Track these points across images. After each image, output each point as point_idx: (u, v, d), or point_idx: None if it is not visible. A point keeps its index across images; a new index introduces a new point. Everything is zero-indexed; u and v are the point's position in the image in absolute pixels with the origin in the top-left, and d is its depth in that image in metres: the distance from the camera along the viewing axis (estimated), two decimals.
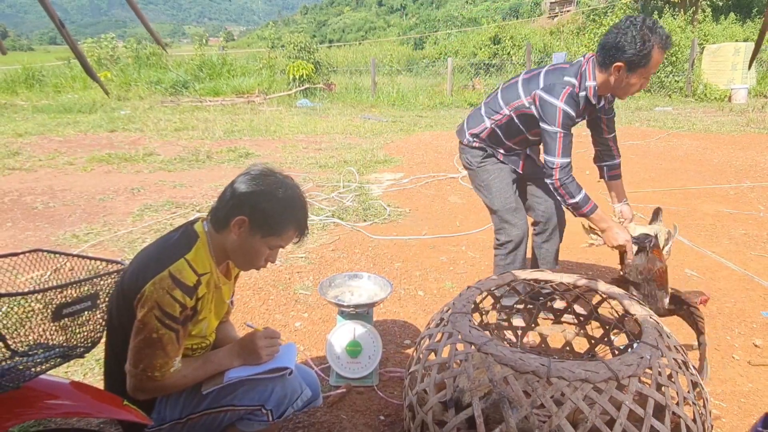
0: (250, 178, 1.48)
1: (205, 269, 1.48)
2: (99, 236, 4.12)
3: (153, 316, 1.36)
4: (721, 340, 2.71)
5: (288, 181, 1.53)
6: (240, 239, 1.48)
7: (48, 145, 7.64)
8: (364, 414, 2.18)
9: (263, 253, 1.52)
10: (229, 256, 1.55)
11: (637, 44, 2.13)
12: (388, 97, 13.58)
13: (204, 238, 1.51)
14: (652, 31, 2.13)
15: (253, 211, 1.45)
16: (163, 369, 1.41)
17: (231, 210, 1.46)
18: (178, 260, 1.42)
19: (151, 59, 15.86)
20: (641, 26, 2.14)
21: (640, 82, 2.26)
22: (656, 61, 2.20)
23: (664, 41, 2.16)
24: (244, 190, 1.46)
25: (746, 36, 17.29)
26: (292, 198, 1.50)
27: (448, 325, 1.84)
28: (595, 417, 1.46)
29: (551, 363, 1.55)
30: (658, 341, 1.68)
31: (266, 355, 1.60)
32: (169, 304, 1.37)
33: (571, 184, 2.35)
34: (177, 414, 1.55)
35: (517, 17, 36.76)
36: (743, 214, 4.62)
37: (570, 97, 2.29)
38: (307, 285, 3.34)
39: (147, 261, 1.43)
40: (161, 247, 1.51)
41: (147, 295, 1.36)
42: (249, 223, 1.46)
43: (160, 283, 1.37)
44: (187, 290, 1.41)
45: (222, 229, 1.50)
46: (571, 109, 2.29)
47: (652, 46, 2.13)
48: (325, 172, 6.18)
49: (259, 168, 1.52)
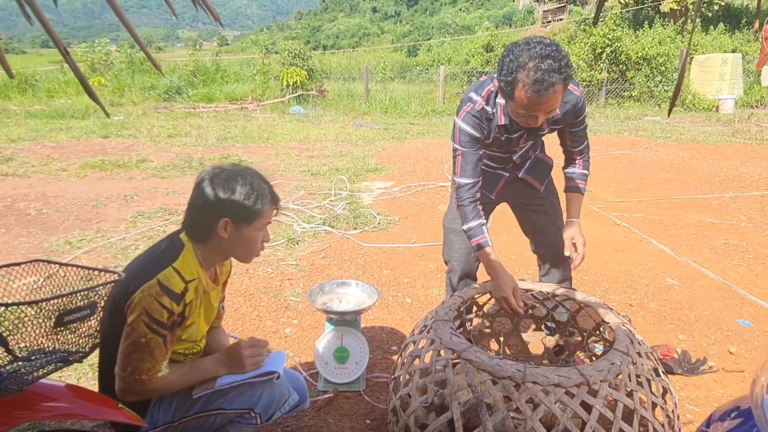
0: (208, 185, 1.54)
1: (193, 276, 1.56)
2: (92, 243, 4.17)
3: (141, 322, 1.44)
4: (697, 347, 2.80)
5: (238, 169, 1.60)
6: (232, 238, 1.57)
7: (41, 151, 7.67)
8: (350, 418, 2.25)
9: (257, 239, 1.62)
10: (227, 256, 1.65)
11: (503, 71, 1.83)
12: (381, 104, 13.68)
13: (190, 246, 1.59)
14: (524, 65, 1.76)
15: (230, 210, 1.53)
16: (150, 373, 1.48)
17: (209, 220, 1.54)
18: (166, 268, 1.50)
19: (144, 64, 15.89)
20: (520, 51, 1.79)
21: (519, 114, 1.90)
22: (522, 103, 1.82)
23: (532, 83, 1.75)
24: (211, 198, 1.53)
25: (734, 46, 17.54)
26: (251, 180, 1.57)
27: (431, 332, 1.92)
28: (567, 420, 1.54)
29: (527, 369, 1.63)
30: (629, 348, 1.76)
31: (250, 364, 1.66)
32: (157, 310, 1.45)
33: (466, 208, 2.11)
34: (169, 417, 1.62)
35: (510, 25, 37.04)
36: (725, 223, 4.74)
37: (469, 115, 2.05)
38: (297, 292, 3.41)
39: (136, 270, 1.51)
40: (150, 256, 1.59)
41: (136, 301, 1.44)
42: (232, 221, 1.54)
43: (149, 290, 1.45)
44: (175, 297, 1.49)
45: (207, 240, 1.58)
46: (470, 127, 2.05)
47: (516, 80, 1.79)
48: (316, 180, 6.25)
49: (208, 172, 1.58)
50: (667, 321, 3.07)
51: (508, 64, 1.81)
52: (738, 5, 23.60)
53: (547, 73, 1.74)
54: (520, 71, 1.77)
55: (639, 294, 3.41)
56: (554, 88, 1.77)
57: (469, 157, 2.09)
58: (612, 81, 14.09)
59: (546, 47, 1.77)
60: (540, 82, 1.74)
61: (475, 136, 2.07)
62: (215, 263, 1.68)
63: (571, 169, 2.31)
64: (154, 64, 1.11)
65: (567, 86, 1.82)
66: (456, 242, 2.47)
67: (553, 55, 1.75)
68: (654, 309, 3.21)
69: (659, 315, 3.14)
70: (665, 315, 3.14)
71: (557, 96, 1.80)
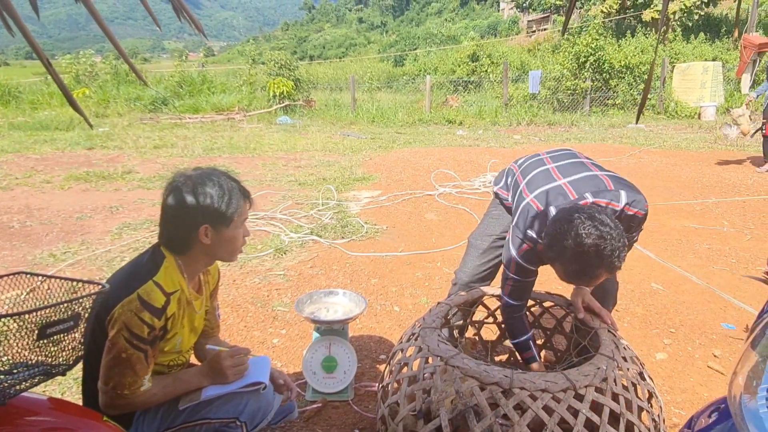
0: (177, 195, 1.53)
1: (175, 287, 1.55)
2: (77, 255, 4.13)
3: (122, 337, 1.42)
4: (682, 350, 2.83)
5: (203, 172, 1.59)
6: (214, 242, 1.56)
7: (24, 163, 7.59)
8: (339, 428, 2.24)
9: (239, 236, 1.62)
10: (213, 259, 1.64)
11: (547, 241, 1.76)
12: (368, 113, 13.73)
13: (171, 257, 1.58)
14: (564, 251, 1.68)
15: (207, 216, 1.52)
16: (132, 387, 1.47)
17: (186, 231, 1.53)
18: (147, 283, 1.48)
19: (129, 76, 15.83)
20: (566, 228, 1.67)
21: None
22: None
23: (572, 274, 1.73)
24: (185, 208, 1.52)
25: (715, 55, 17.87)
26: (219, 181, 1.57)
27: (419, 340, 1.93)
28: (554, 425, 1.55)
29: (513, 374, 1.64)
30: (615, 353, 1.78)
31: (232, 375, 1.65)
32: (137, 325, 1.43)
33: (514, 324, 2.08)
34: (154, 429, 1.61)
35: (496, 35, 37.45)
36: (708, 229, 4.81)
37: (528, 254, 1.94)
38: (285, 302, 3.39)
39: (117, 284, 1.48)
40: (131, 269, 1.58)
41: (116, 316, 1.43)
42: (211, 226, 1.54)
43: (129, 306, 1.43)
44: (155, 312, 1.47)
45: (187, 250, 1.57)
46: (527, 264, 1.95)
47: (555, 262, 1.76)
48: (304, 189, 6.25)
49: (174, 183, 1.57)
50: (652, 325, 3.10)
51: (552, 238, 1.71)
52: (718, 15, 24.07)
53: (589, 267, 1.66)
54: (561, 257, 1.70)
55: (624, 299, 3.44)
56: (596, 280, 1.72)
57: (522, 285, 2.03)
58: (596, 89, 14.27)
59: (596, 231, 1.63)
60: (580, 273, 1.70)
61: (532, 270, 1.99)
62: (199, 271, 1.67)
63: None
64: (137, 75, 1.12)
65: (617, 270, 1.71)
66: (470, 260, 2.45)
67: (603, 246, 1.62)
68: (639, 314, 3.24)
69: (645, 320, 3.17)
70: (650, 319, 3.17)
71: (601, 279, 1.73)
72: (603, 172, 2.03)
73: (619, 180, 1.99)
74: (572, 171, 2.03)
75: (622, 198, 1.89)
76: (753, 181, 6.51)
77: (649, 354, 2.80)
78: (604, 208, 1.87)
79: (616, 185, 1.94)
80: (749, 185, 6.32)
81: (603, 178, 1.97)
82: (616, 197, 1.89)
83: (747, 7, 19.10)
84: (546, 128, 12.34)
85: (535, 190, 1.99)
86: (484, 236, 2.42)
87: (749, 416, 0.73)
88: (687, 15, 20.85)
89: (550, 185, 1.97)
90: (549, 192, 1.94)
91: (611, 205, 1.88)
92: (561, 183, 1.97)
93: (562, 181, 1.97)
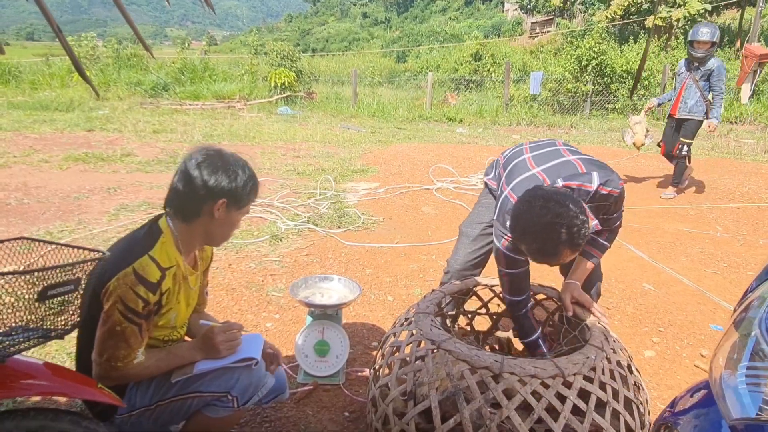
0: (211, 163, 1.55)
1: (171, 263, 1.56)
2: (73, 234, 4.14)
3: (116, 310, 1.44)
4: (670, 349, 2.87)
5: (233, 154, 1.63)
6: (220, 219, 1.58)
7: (23, 142, 7.58)
8: (329, 410, 2.27)
9: (237, 223, 1.66)
10: (207, 237, 1.64)
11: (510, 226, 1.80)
12: (369, 108, 13.73)
13: (168, 232, 1.58)
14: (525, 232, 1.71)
15: (227, 192, 1.55)
16: (125, 360, 1.49)
17: (203, 199, 1.54)
18: (142, 257, 1.49)
19: (131, 60, 15.79)
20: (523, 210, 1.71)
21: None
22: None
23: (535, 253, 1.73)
24: (211, 180, 1.53)
25: None
26: (247, 167, 1.62)
27: (412, 324, 1.95)
28: (542, 410, 1.58)
29: (504, 360, 1.67)
30: (604, 344, 1.81)
31: (225, 349, 1.66)
32: (132, 299, 1.45)
33: (523, 321, 2.10)
34: (146, 401, 1.62)
35: (499, 35, 37.44)
36: (701, 233, 4.85)
37: (511, 245, 1.94)
38: (279, 287, 3.41)
39: (114, 256, 1.49)
40: (127, 243, 1.58)
41: (111, 289, 1.44)
42: (227, 203, 1.56)
43: (124, 279, 1.44)
44: (150, 286, 1.49)
45: (193, 219, 1.58)
46: (513, 254, 1.96)
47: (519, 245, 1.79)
48: (302, 179, 6.26)
49: (208, 151, 1.58)
50: (642, 324, 3.14)
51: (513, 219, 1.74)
52: (721, 24, 24.13)
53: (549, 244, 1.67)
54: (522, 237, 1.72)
55: (616, 298, 3.47)
56: (561, 257, 1.71)
57: (517, 277, 2.03)
58: (596, 93, 14.30)
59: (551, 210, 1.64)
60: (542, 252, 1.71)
61: (521, 260, 1.99)
62: (195, 247, 1.68)
63: (605, 242, 2.17)
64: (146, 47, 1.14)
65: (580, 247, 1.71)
66: (461, 248, 2.48)
67: (558, 222, 1.63)
68: (630, 312, 3.28)
69: (635, 318, 3.21)
70: (641, 318, 3.21)
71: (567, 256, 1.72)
72: (576, 156, 2.08)
73: (592, 162, 2.04)
74: (546, 159, 2.07)
75: (594, 179, 1.93)
76: (748, 188, 6.56)
77: (638, 351, 2.84)
78: (576, 189, 1.90)
79: (588, 167, 1.98)
80: (744, 192, 6.37)
81: (575, 162, 2.01)
82: (588, 179, 1.93)
83: (750, 17, 19.17)
84: (545, 129, 12.38)
85: (512, 182, 2.03)
86: (474, 224, 2.47)
87: (729, 391, 0.76)
88: (690, 23, 20.89)
89: (525, 175, 2.02)
90: (523, 182, 1.98)
91: (584, 187, 1.92)
92: (535, 172, 2.01)
93: (536, 170, 2.02)
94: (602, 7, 23.33)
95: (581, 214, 1.67)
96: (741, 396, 0.74)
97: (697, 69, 5.66)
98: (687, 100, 5.76)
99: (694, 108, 5.74)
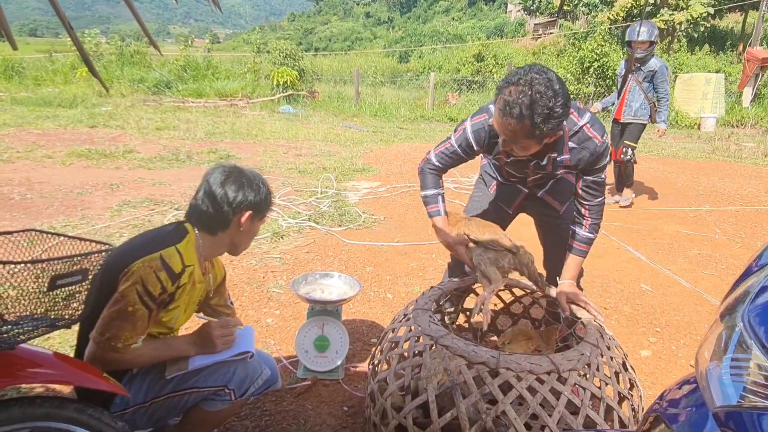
0: (234, 182, 1.65)
1: (191, 262, 1.61)
2: (77, 229, 4.17)
3: (134, 290, 1.47)
4: (666, 349, 2.90)
5: (252, 170, 1.75)
6: (245, 230, 1.69)
7: (26, 138, 7.61)
8: (328, 404, 2.30)
9: (257, 233, 1.78)
10: (232, 246, 1.74)
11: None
12: (371, 107, 13.77)
13: (193, 236, 1.65)
14: (502, 89, 1.77)
15: (253, 205, 1.66)
16: (126, 342, 1.50)
17: (230, 212, 1.64)
18: (170, 247, 1.56)
19: (134, 57, 15.83)
20: (511, 74, 1.77)
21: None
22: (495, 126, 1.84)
23: (498, 111, 1.76)
24: (239, 196, 1.64)
25: (718, 67, 17.94)
26: (265, 182, 1.75)
27: (411, 320, 1.98)
28: (536, 405, 1.61)
29: (500, 355, 1.70)
30: (599, 341, 1.84)
31: (221, 344, 1.69)
32: (153, 282, 1.49)
33: (427, 176, 2.18)
34: (141, 398, 1.62)
35: (502, 36, 37.43)
36: (700, 235, 4.87)
37: (480, 124, 2.01)
38: (280, 284, 3.45)
39: (138, 243, 1.56)
40: (154, 234, 1.65)
41: (133, 270, 1.47)
42: (252, 215, 1.67)
43: (149, 262, 1.49)
44: (172, 275, 1.53)
45: (220, 231, 1.68)
46: (473, 136, 2.03)
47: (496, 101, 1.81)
48: (303, 177, 6.29)
49: (228, 169, 1.69)
50: (639, 324, 3.17)
51: (498, 88, 1.77)
52: (723, 27, 24.16)
53: (510, 107, 1.70)
54: (497, 106, 1.76)
55: (614, 298, 3.50)
56: (519, 141, 1.77)
57: (453, 155, 2.10)
58: (598, 95, 14.33)
59: (531, 87, 1.68)
60: (504, 126, 1.75)
61: (472, 147, 2.05)
62: (212, 256, 1.75)
63: (577, 228, 2.11)
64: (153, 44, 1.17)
65: (536, 136, 1.74)
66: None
67: (523, 101, 1.68)
68: (627, 312, 3.31)
69: (632, 318, 3.24)
70: (638, 318, 3.24)
71: (516, 135, 1.76)
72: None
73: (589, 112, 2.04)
74: None
75: (585, 115, 1.96)
76: (747, 191, 6.58)
77: (634, 351, 2.87)
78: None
79: (583, 109, 2.00)
80: (743, 195, 6.39)
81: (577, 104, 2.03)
82: (581, 113, 1.96)
83: (753, 21, 19.19)
84: None
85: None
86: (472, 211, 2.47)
87: (713, 381, 0.79)
88: (693, 26, 20.91)
89: None
90: None
91: (573, 116, 1.93)
92: None
93: None
94: (605, 9, 23.32)
95: (554, 99, 1.68)
96: (725, 386, 0.77)
97: (639, 70, 5.39)
98: (631, 103, 5.46)
99: (639, 111, 5.45)
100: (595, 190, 2.04)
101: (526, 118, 1.69)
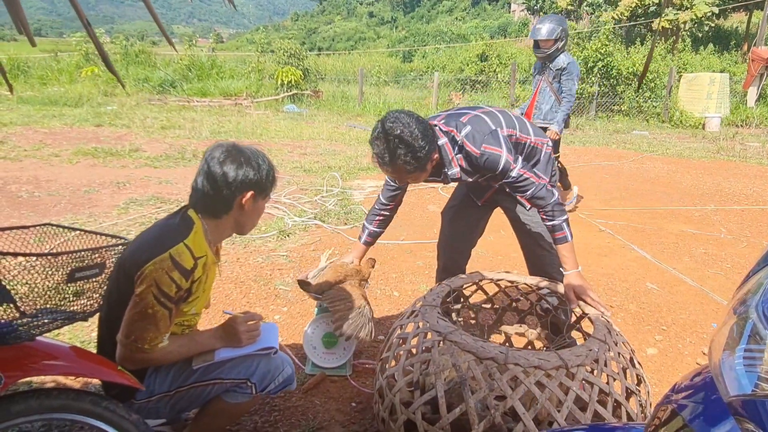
0: (233, 161, 1.60)
1: (202, 252, 1.61)
2: (84, 227, 4.16)
3: (150, 293, 1.48)
4: (672, 347, 2.91)
5: (251, 147, 1.70)
6: (248, 209, 1.66)
7: (33, 136, 7.66)
8: (337, 401, 2.32)
9: (262, 210, 1.75)
10: (238, 227, 1.71)
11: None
12: (375, 107, 13.77)
13: (199, 224, 1.63)
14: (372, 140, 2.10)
15: (254, 184, 1.62)
16: (152, 342, 1.52)
17: (231, 195, 1.60)
18: (178, 244, 1.54)
19: (139, 57, 15.88)
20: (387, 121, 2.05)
21: None
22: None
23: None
24: (239, 175, 1.59)
25: (723, 67, 17.90)
26: (266, 158, 1.71)
27: (418, 317, 2.00)
28: (545, 400, 1.62)
29: (509, 351, 1.71)
30: (607, 337, 1.85)
31: (246, 339, 1.72)
32: (167, 284, 1.49)
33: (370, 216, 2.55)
34: (166, 387, 1.66)
35: (505, 36, 37.39)
36: (705, 234, 4.87)
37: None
38: (287, 281, 3.47)
39: (149, 241, 1.55)
40: (162, 229, 1.62)
41: (147, 273, 1.48)
42: (254, 194, 1.63)
43: (161, 264, 1.49)
44: (185, 273, 1.54)
45: (223, 214, 1.64)
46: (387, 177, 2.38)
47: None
48: (309, 176, 6.31)
49: (227, 148, 1.64)
50: (645, 322, 3.18)
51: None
52: (728, 27, 24.10)
53: (381, 158, 2.02)
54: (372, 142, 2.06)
55: (620, 296, 3.51)
56: (390, 172, 2.09)
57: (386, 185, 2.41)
58: (602, 95, 14.31)
59: (388, 136, 1.95)
60: (378, 164, 2.07)
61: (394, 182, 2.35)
62: (221, 239, 1.73)
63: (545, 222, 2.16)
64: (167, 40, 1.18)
65: (414, 169, 2.00)
66: (442, 233, 2.62)
67: (388, 150, 1.97)
68: (633, 311, 3.32)
69: (638, 317, 3.25)
70: (643, 317, 3.25)
71: (399, 174, 2.06)
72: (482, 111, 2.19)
73: (484, 123, 2.12)
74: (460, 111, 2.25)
75: (463, 130, 2.09)
76: (752, 191, 6.58)
77: (641, 348, 2.88)
78: (446, 132, 2.13)
79: (472, 121, 2.11)
80: (748, 194, 6.39)
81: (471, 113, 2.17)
82: (461, 128, 2.11)
83: (757, 21, 19.14)
84: None
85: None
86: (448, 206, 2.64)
87: (727, 371, 0.80)
88: (697, 26, 20.87)
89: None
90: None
91: (453, 133, 2.11)
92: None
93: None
94: (609, 9, 23.30)
95: (413, 142, 1.92)
96: (739, 376, 0.78)
97: (548, 69, 4.93)
98: (541, 105, 5.02)
99: (549, 114, 4.99)
100: (519, 186, 2.11)
101: (398, 160, 1.95)
